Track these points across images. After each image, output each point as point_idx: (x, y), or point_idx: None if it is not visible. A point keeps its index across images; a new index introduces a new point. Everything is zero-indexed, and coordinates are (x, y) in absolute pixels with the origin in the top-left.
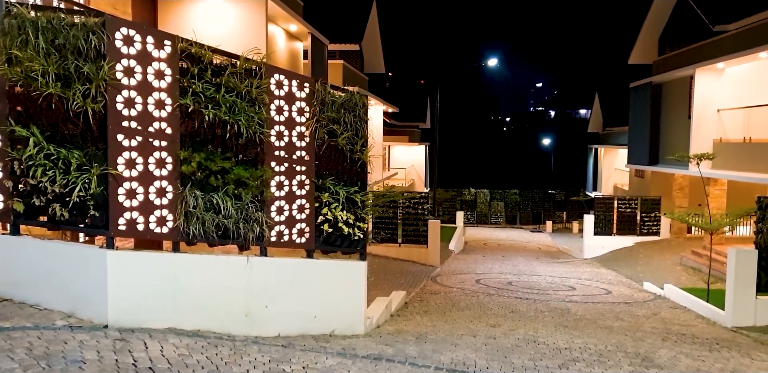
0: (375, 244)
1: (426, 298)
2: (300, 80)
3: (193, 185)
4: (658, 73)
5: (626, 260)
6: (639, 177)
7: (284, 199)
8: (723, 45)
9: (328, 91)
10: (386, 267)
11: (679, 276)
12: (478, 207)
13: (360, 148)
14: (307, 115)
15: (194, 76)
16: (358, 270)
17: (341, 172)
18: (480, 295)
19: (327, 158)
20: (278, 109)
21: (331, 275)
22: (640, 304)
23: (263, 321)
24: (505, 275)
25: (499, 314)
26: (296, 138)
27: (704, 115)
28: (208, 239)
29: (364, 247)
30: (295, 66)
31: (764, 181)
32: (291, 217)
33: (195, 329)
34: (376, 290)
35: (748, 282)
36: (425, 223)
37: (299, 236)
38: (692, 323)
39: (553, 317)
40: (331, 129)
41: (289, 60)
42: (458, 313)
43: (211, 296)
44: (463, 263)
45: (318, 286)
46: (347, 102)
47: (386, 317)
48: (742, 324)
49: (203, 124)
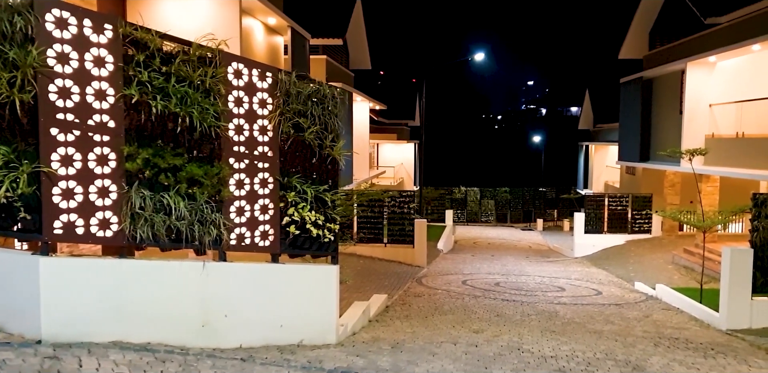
0: (360, 244)
1: (409, 301)
2: (261, 69)
3: (140, 184)
4: (649, 67)
5: (617, 259)
6: (630, 174)
7: (245, 198)
8: (715, 38)
9: (293, 81)
10: (371, 268)
11: (672, 275)
12: (469, 205)
13: (330, 144)
14: (270, 107)
15: (140, 64)
16: (329, 275)
17: (309, 170)
18: (465, 297)
19: (293, 154)
20: (237, 100)
21: (298, 281)
22: (631, 305)
23: (222, 332)
24: (493, 275)
25: (483, 318)
26: (258, 132)
27: (696, 111)
28: (159, 243)
29: (335, 250)
30: (274, 61)
31: (758, 178)
32: (253, 218)
33: (144, 343)
34: (358, 293)
35: (743, 283)
36: (411, 222)
37: (262, 239)
38: (685, 326)
39: (540, 321)
40: (297, 123)
41: (269, 55)
42: (441, 317)
43: (162, 306)
44: (451, 262)
45: (284, 292)
46: (315, 93)
47: (363, 323)
48: (737, 327)
49: (151, 117)
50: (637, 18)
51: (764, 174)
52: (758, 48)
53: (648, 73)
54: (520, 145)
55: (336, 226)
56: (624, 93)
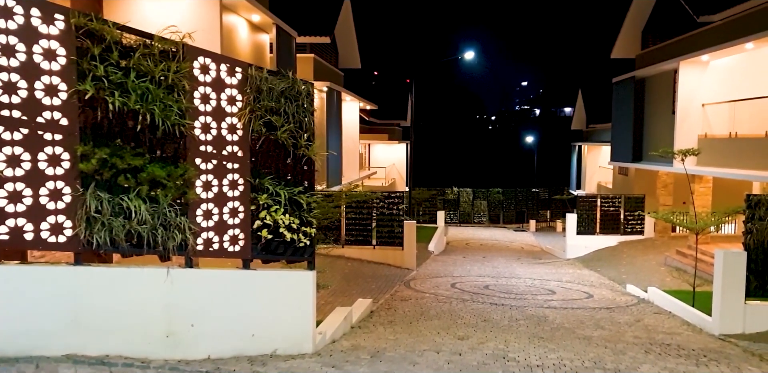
0: (348, 246)
1: (395, 305)
2: (230, 64)
3: (97, 186)
4: (641, 67)
5: (609, 261)
6: (623, 175)
7: (213, 201)
8: (708, 37)
9: (264, 77)
10: (359, 271)
11: (664, 277)
12: (461, 206)
13: (305, 143)
14: (240, 104)
15: (96, 58)
16: (305, 281)
17: (283, 171)
18: (453, 301)
19: (265, 154)
20: (204, 97)
21: (272, 288)
22: (622, 309)
23: (189, 342)
24: (483, 277)
25: (470, 324)
26: (227, 131)
27: (689, 110)
28: (118, 248)
29: (312, 255)
30: (259, 59)
31: (751, 178)
32: (221, 222)
33: (101, 355)
34: (344, 297)
35: (736, 286)
36: (401, 224)
37: (232, 244)
38: (677, 331)
39: (528, 327)
40: (269, 121)
41: (254, 53)
42: (426, 323)
43: (123, 315)
44: (441, 264)
45: (256, 300)
46: (288, 90)
47: (345, 329)
48: (730, 332)
49: (108, 115)
50: (630, 17)
51: (757, 175)
52: (751, 46)
53: (640, 72)
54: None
55: (312, 230)
56: (616, 93)
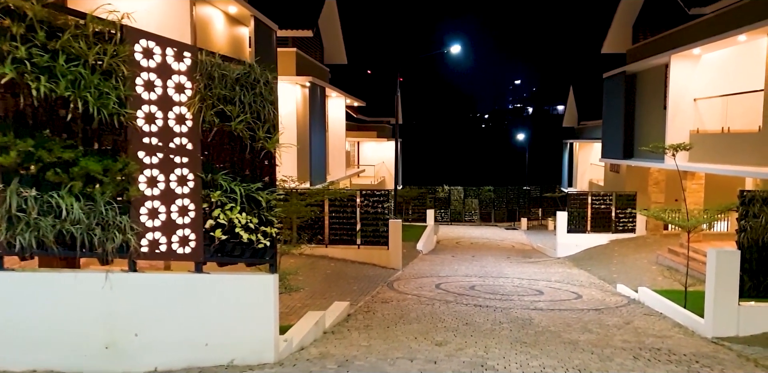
0: (332, 246)
1: (374, 308)
2: (178, 48)
3: (22, 182)
4: (632, 61)
5: (600, 259)
6: (614, 172)
7: (159, 199)
8: (699, 30)
9: (217, 63)
10: (341, 271)
11: (655, 276)
12: (452, 205)
13: (264, 135)
14: (190, 92)
15: (16, 38)
16: (265, 285)
17: (240, 166)
18: (436, 303)
19: (219, 148)
20: (147, 84)
21: (228, 293)
22: (611, 310)
23: (132, 354)
24: (470, 277)
25: (450, 328)
26: (174, 121)
27: (680, 105)
28: (47, 251)
29: (273, 257)
30: (238, 53)
31: (744, 174)
32: (169, 221)
33: (28, 371)
34: (322, 300)
35: (729, 287)
36: (386, 223)
37: (182, 246)
38: (668, 334)
39: (511, 330)
40: (222, 111)
41: (231, 47)
42: (404, 327)
43: (54, 325)
44: (428, 264)
45: (210, 306)
46: (245, 77)
47: (316, 335)
48: (723, 334)
49: (33, 102)
50: (620, 11)
51: (751, 171)
52: (744, 39)
53: (631, 67)
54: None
55: (273, 229)
56: (607, 88)
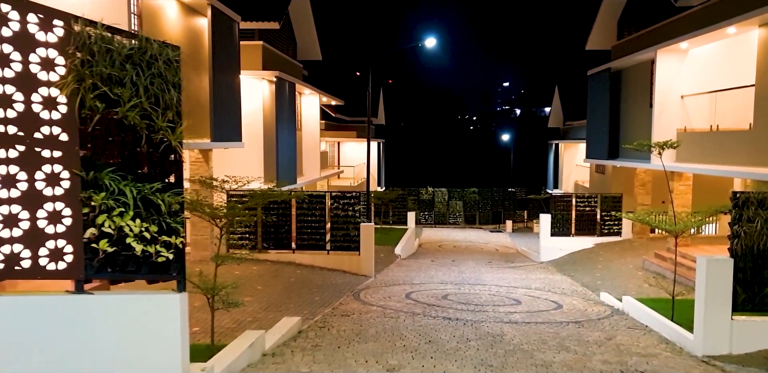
0: (299, 251)
1: (331, 323)
2: (45, 15)
3: None
4: (617, 58)
5: (584, 264)
6: (600, 173)
7: (19, 202)
8: (687, 23)
9: (100, 34)
10: (307, 279)
11: (641, 283)
12: (436, 207)
13: (165, 125)
14: (63, 70)
15: None
16: (169, 306)
17: (133, 162)
18: (401, 316)
19: (103, 139)
20: (0, 58)
21: (120, 316)
22: (593, 323)
23: None
24: (445, 285)
25: (409, 348)
26: (41, 106)
27: (667, 103)
28: None
29: (180, 272)
30: (195, 47)
31: (735, 175)
32: (35, 230)
33: None
34: (277, 313)
35: (721, 299)
36: (357, 226)
37: (53, 260)
38: (654, 352)
39: (478, 349)
40: (108, 94)
41: (187, 39)
42: (358, 346)
43: None
44: (405, 270)
45: (95, 333)
46: (139, 53)
47: (252, 358)
48: (714, 352)
49: None
50: (605, 5)
51: (741, 171)
52: (734, 31)
53: (616, 63)
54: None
55: (179, 239)
56: (592, 86)
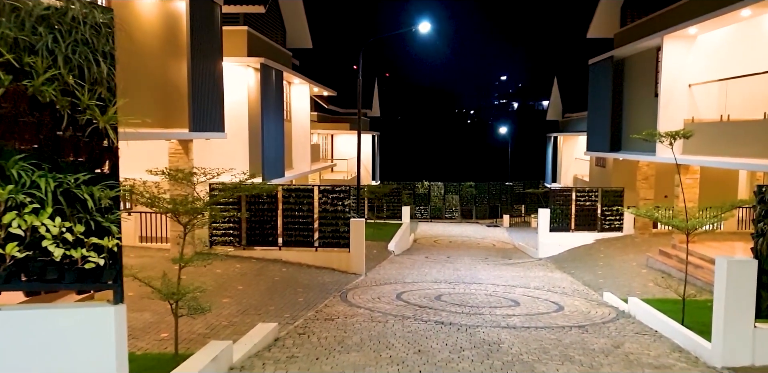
0: (286, 248)
1: (312, 329)
2: None
3: None
4: (621, 45)
5: (585, 261)
6: (600, 166)
7: None
8: (695, 6)
9: None
10: (293, 278)
11: (646, 282)
12: (432, 201)
13: (93, 103)
14: None
15: None
16: (103, 321)
17: (53, 147)
18: (390, 320)
19: (11, 119)
20: None
21: (37, 334)
22: (597, 327)
23: None
24: (439, 284)
25: (395, 359)
26: None
27: (673, 92)
28: None
29: (118, 279)
30: (173, 31)
31: (747, 168)
32: None
33: None
34: (255, 317)
35: (744, 305)
36: (347, 222)
37: None
38: (667, 362)
39: (473, 361)
40: (12, 63)
41: (164, 22)
42: (338, 358)
43: None
44: (397, 267)
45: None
46: (57, 15)
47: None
48: (735, 364)
49: None
50: None
51: (756, 163)
52: (748, 13)
53: (619, 51)
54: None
55: (112, 241)
56: (593, 76)
